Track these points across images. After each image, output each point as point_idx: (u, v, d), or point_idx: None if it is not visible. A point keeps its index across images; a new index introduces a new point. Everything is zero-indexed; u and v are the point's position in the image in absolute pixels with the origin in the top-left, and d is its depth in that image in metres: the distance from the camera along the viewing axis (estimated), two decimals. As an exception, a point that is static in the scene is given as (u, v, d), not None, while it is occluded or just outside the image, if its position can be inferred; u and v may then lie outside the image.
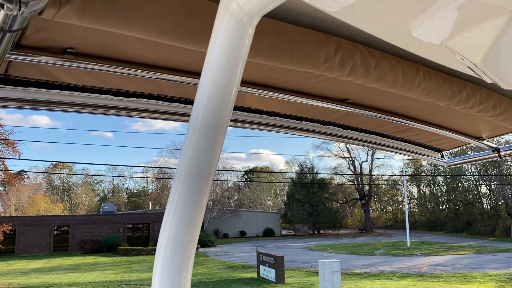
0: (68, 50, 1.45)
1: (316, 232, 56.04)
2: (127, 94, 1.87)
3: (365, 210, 59.32)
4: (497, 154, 2.97)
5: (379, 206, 69.22)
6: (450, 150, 3.41)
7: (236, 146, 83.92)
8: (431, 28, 1.21)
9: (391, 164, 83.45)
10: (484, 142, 2.93)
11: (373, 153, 59.70)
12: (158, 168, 60.34)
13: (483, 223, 46.49)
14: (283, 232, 55.87)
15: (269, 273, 19.84)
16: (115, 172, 69.55)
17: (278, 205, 66.12)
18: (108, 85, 1.80)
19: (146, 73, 1.62)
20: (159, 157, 60.47)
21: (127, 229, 38.75)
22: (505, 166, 48.08)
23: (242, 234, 51.22)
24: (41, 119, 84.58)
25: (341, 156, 62.12)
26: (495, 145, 2.97)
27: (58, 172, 63.54)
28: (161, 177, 61.37)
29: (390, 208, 68.20)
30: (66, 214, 52.78)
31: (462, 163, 3.48)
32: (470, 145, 3.27)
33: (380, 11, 1.13)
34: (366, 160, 61.63)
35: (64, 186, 66.63)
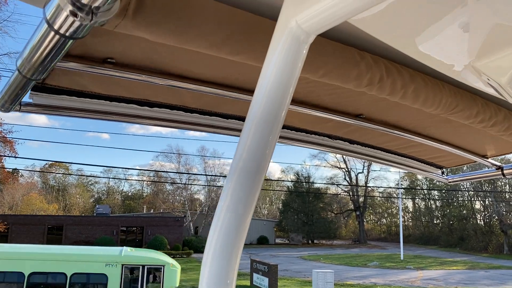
0: (108, 60, 1.51)
1: (310, 241, 55.91)
2: (158, 105, 1.94)
3: (360, 222, 59.24)
4: (500, 172, 2.98)
5: (374, 218, 69.18)
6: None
7: (233, 152, 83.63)
8: (460, 49, 1.27)
9: (386, 176, 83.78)
10: (489, 160, 2.94)
11: (369, 164, 59.76)
12: (153, 172, 60.12)
13: (476, 239, 46.53)
14: (277, 240, 55.70)
15: (262, 281, 19.81)
16: (111, 174, 69.37)
17: (273, 213, 65.99)
18: (137, 95, 1.87)
19: (188, 85, 1.68)
20: (155, 161, 60.16)
21: (121, 231, 38.53)
22: (500, 183, 48.21)
23: (236, 241, 51.02)
24: (39, 118, 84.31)
25: (337, 167, 62.20)
26: (499, 163, 2.99)
27: (53, 171, 63.27)
28: (157, 180, 61.16)
29: (384, 220, 68.18)
30: (60, 214, 52.49)
31: (462, 180, 3.51)
32: (470, 164, 3.32)
33: (414, 31, 1.18)
34: (362, 172, 61.75)
35: (59, 186, 66.31)
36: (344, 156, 57.88)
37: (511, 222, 44.41)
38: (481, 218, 51.16)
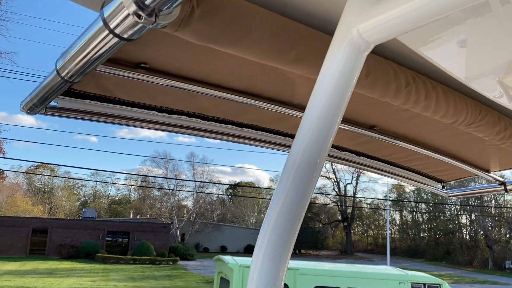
0: (142, 64, 1.52)
1: (297, 251, 55.82)
2: (178, 112, 1.97)
3: (347, 233, 59.33)
4: (503, 188, 3.00)
5: (361, 229, 69.34)
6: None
7: (221, 159, 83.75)
8: (491, 65, 1.30)
9: (375, 188, 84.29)
10: (491, 174, 2.97)
11: (358, 175, 60.04)
12: (141, 177, 59.58)
13: (462, 253, 46.86)
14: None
15: (249, 290, 19.69)
16: (98, 177, 68.71)
17: (261, 222, 65.63)
18: (160, 102, 1.90)
19: (210, 91, 1.70)
20: (143, 165, 59.65)
21: (107, 236, 38.09)
22: (486, 198, 48.73)
23: (223, 249, 50.71)
24: (26, 118, 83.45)
25: (326, 177, 62.36)
26: (502, 179, 3.01)
27: (39, 173, 62.49)
28: (144, 185, 60.67)
29: (371, 232, 68.35)
30: (45, 216, 51.73)
31: (462, 194, 3.53)
32: (467, 178, 3.34)
33: (452, 46, 1.21)
34: (351, 183, 61.93)
35: (45, 188, 65.46)
36: (334, 167, 58.21)
37: (496, 237, 44.82)
38: (467, 232, 51.58)
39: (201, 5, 1.05)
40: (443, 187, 3.36)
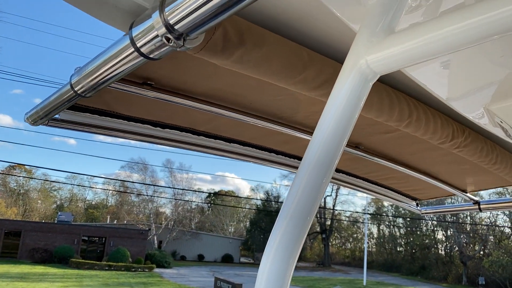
0: (148, 82, 1.62)
1: (274, 262, 55.64)
2: (172, 127, 2.11)
3: (325, 245, 59.57)
4: (477, 207, 3.13)
5: (339, 241, 69.73)
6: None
7: (201, 167, 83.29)
8: (479, 93, 1.43)
9: (354, 201, 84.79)
10: (468, 194, 3.10)
11: (338, 188, 60.49)
12: (119, 182, 58.78)
13: (437, 268, 47.51)
14: (242, 259, 55.24)
15: (226, 300, 19.50)
16: (75, 181, 67.50)
17: (240, 232, 65.55)
18: (156, 117, 2.03)
19: (201, 106, 1.81)
20: (122, 171, 58.88)
21: (82, 241, 37.36)
22: (462, 215, 49.62)
23: (200, 258, 50.31)
24: (3, 117, 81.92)
25: (306, 189, 62.48)
26: (476, 198, 3.14)
27: (14, 174, 61.07)
28: (122, 190, 59.86)
29: (349, 244, 68.81)
30: (19, 219, 50.47)
31: (435, 212, 3.69)
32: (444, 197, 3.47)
33: (438, 72, 1.32)
34: (331, 195, 62.35)
35: (20, 190, 63.96)
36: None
37: (470, 253, 45.62)
38: (443, 248, 52.37)
39: (223, 30, 1.14)
40: (417, 204, 3.51)
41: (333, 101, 1.00)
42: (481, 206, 3.11)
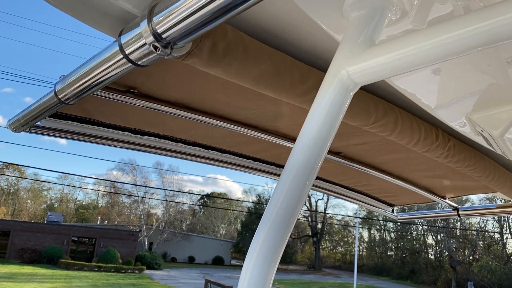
0: (131, 90, 1.66)
1: (265, 265, 55.60)
2: (150, 134, 2.19)
3: (316, 248, 59.65)
4: (456, 213, 3.20)
5: (330, 245, 69.81)
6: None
7: (192, 169, 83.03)
8: (461, 103, 1.47)
9: (345, 205, 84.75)
10: (447, 201, 3.18)
11: (330, 192, 60.51)
12: (110, 182, 58.36)
13: (427, 273, 47.75)
14: (233, 261, 55.10)
15: (215, 302, 19.46)
16: (66, 181, 66.98)
17: (231, 234, 65.44)
18: (134, 124, 2.10)
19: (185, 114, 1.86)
20: (112, 171, 58.50)
21: (72, 242, 37.07)
22: (452, 220, 49.93)
23: (191, 259, 50.13)
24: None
25: (298, 192, 62.51)
26: (455, 205, 3.20)
27: (4, 173, 60.46)
28: (113, 191, 59.49)
29: (340, 248, 68.92)
30: (8, 219, 49.94)
31: (412, 218, 3.75)
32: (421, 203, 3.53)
33: (427, 85, 1.36)
34: (322, 198, 62.46)
35: (10, 189, 63.33)
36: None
37: (460, 258, 45.91)
38: (433, 252, 52.65)
39: (210, 38, 1.16)
40: (393, 210, 3.60)
41: (315, 110, 1.02)
42: (460, 213, 3.18)
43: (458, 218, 3.30)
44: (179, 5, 0.91)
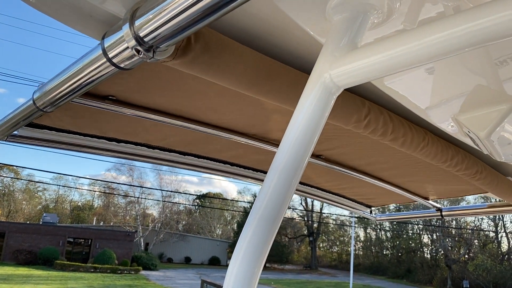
0: (110, 97, 1.69)
1: (261, 265, 55.63)
2: (126, 142, 2.24)
3: (312, 248, 59.73)
4: (439, 214, 3.23)
5: (326, 244, 69.93)
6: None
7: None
8: (448, 104, 1.49)
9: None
10: (430, 201, 3.21)
11: (326, 192, 60.59)
12: (106, 183, 58.22)
13: (423, 271, 47.91)
14: (229, 262, 55.00)
15: (212, 303, 19.45)
16: (61, 181, 66.72)
17: (227, 234, 65.43)
18: (107, 133, 2.14)
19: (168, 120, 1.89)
20: (108, 172, 58.36)
21: (68, 243, 36.94)
22: (448, 219, 50.07)
23: (187, 260, 50.07)
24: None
25: (294, 192, 62.52)
26: (439, 205, 3.23)
27: (0, 175, 60.13)
28: (109, 192, 59.33)
29: (336, 248, 69.05)
30: (3, 220, 49.72)
31: (389, 219, 3.79)
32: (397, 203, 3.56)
33: (408, 83, 1.37)
34: (318, 198, 62.47)
35: (4, 190, 63.02)
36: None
37: (455, 257, 46.11)
38: (428, 251, 52.85)
39: (194, 41, 1.16)
40: (371, 212, 3.63)
41: (298, 113, 1.03)
42: (443, 213, 3.21)
43: (441, 219, 3.33)
44: (161, 9, 0.91)
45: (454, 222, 49.68)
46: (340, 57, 1.02)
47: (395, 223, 56.52)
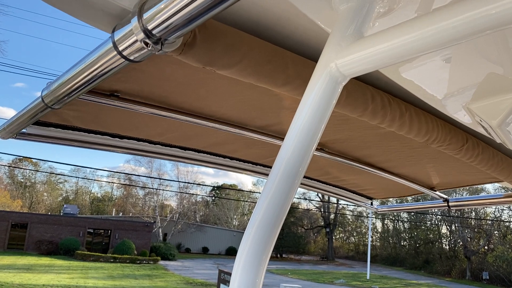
0: (115, 94, 1.72)
1: (278, 255, 55.93)
2: (129, 137, 2.30)
3: (329, 238, 59.66)
4: (446, 204, 3.21)
5: (343, 235, 69.78)
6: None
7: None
8: (460, 93, 1.48)
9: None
10: (437, 192, 3.18)
11: (343, 183, 60.25)
12: (124, 175, 58.97)
13: (441, 263, 47.49)
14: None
15: (229, 292, 19.65)
16: (80, 173, 67.86)
17: (244, 225, 65.72)
18: (111, 129, 2.21)
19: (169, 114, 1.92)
20: (127, 164, 59.10)
21: (88, 233, 37.66)
22: (467, 209, 49.45)
23: (205, 250, 50.56)
24: (6, 110, 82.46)
25: (311, 183, 62.38)
26: (445, 196, 3.19)
27: (21, 167, 61.48)
28: (128, 183, 60.10)
29: (353, 239, 68.84)
30: (25, 211, 50.89)
31: (391, 210, 3.78)
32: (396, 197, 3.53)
33: (425, 76, 1.37)
34: (335, 189, 62.22)
35: (26, 183, 64.41)
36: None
37: (474, 248, 45.55)
38: (447, 242, 52.28)
39: (202, 33, 1.18)
40: (372, 204, 3.65)
41: (304, 103, 1.03)
42: (450, 204, 3.18)
43: (448, 209, 3.30)
44: (168, 1, 0.92)
45: (473, 213, 49.00)
46: (347, 47, 1.02)
47: (412, 214, 56.01)
